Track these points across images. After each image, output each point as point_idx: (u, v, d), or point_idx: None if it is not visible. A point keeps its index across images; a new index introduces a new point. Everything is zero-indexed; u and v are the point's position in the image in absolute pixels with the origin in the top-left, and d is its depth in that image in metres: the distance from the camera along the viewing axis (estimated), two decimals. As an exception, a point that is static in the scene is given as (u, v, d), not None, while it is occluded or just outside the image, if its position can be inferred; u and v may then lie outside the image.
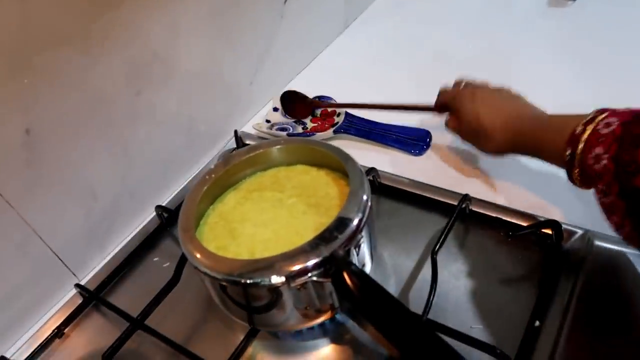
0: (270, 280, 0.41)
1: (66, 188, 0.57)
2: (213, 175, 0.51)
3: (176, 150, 0.70)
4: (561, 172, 0.61)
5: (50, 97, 0.52)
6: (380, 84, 0.83)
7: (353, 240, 0.43)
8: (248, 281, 0.41)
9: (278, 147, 0.54)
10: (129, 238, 0.65)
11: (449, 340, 0.38)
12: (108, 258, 0.64)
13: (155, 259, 0.63)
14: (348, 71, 0.89)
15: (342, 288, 0.41)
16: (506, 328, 0.48)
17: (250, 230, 0.49)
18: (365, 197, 0.46)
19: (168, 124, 0.68)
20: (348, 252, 0.42)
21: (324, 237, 0.42)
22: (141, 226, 0.66)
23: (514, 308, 0.50)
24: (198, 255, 0.44)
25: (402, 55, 0.90)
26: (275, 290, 0.42)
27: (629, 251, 0.51)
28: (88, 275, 0.62)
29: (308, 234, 0.43)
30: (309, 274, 0.41)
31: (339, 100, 0.78)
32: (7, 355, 0.54)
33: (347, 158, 0.50)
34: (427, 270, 0.53)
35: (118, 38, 0.57)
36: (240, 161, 0.53)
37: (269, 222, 0.49)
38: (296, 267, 0.41)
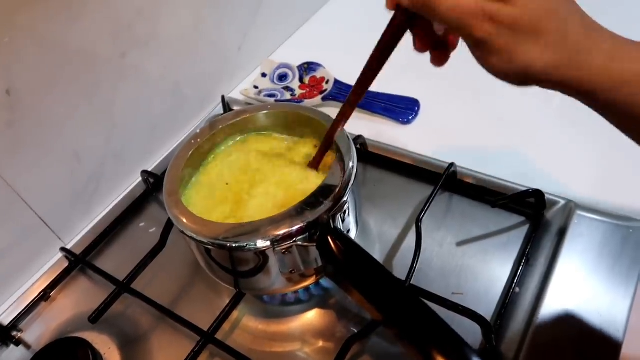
0: (255, 244, 0.41)
1: (49, 150, 0.56)
2: (199, 140, 0.51)
3: (162, 115, 0.70)
4: (545, 143, 0.62)
5: (31, 56, 0.51)
6: (370, 48, 0.82)
7: (338, 206, 0.43)
8: (233, 245, 0.42)
9: (264, 112, 0.53)
10: (114, 203, 0.65)
11: (430, 305, 0.39)
12: (94, 222, 0.64)
13: (142, 224, 0.63)
14: (339, 37, 0.87)
15: (327, 252, 0.41)
16: (487, 294, 0.49)
17: (235, 195, 0.49)
18: (351, 164, 0.46)
19: (154, 88, 0.67)
20: (333, 218, 0.42)
21: (309, 203, 0.42)
22: (127, 191, 0.66)
23: (495, 275, 0.51)
24: (184, 220, 0.44)
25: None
26: (260, 254, 0.42)
27: (609, 221, 0.51)
28: (74, 240, 0.62)
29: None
30: (294, 239, 0.41)
31: (329, 67, 0.77)
32: (-6, 317, 0.54)
33: (335, 125, 0.49)
34: (411, 237, 0.54)
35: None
36: (226, 126, 0.53)
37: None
38: (281, 232, 0.41)
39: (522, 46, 0.32)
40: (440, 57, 0.39)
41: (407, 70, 0.79)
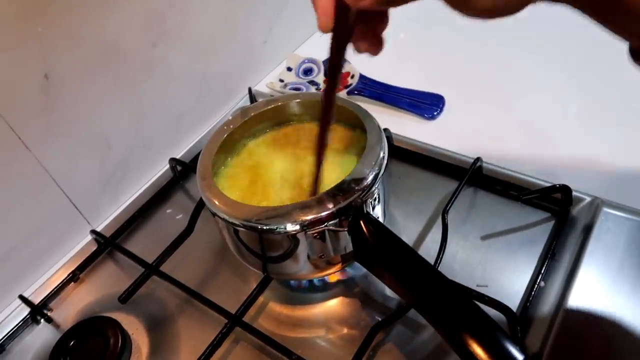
0: (285, 228, 0.42)
1: (82, 135, 0.58)
2: (231, 126, 0.52)
3: (189, 105, 0.71)
4: (573, 138, 0.62)
5: (68, 44, 0.52)
6: (396, 45, 0.83)
7: (369, 192, 0.43)
8: (264, 227, 0.42)
9: (297, 100, 0.54)
10: (142, 189, 0.66)
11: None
12: (122, 208, 0.65)
13: (168, 210, 0.64)
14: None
15: (358, 236, 0.42)
16: (511, 288, 0.49)
17: (266, 182, 0.50)
18: (382, 154, 0.46)
19: (182, 78, 0.68)
20: (364, 203, 0.43)
21: (341, 188, 0.43)
22: (155, 178, 0.67)
23: (520, 269, 0.51)
24: (216, 202, 0.45)
25: (418, 19, 0.89)
26: (291, 237, 0.43)
27: (636, 219, 0.51)
28: (102, 224, 0.63)
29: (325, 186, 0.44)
30: (325, 223, 0.42)
31: (354, 62, 0.78)
32: (25, 295, 0.55)
33: (366, 114, 0.50)
34: (436, 231, 0.54)
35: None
36: (258, 113, 0.53)
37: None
38: (312, 216, 0.41)
39: None
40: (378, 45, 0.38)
41: (431, 67, 0.80)
